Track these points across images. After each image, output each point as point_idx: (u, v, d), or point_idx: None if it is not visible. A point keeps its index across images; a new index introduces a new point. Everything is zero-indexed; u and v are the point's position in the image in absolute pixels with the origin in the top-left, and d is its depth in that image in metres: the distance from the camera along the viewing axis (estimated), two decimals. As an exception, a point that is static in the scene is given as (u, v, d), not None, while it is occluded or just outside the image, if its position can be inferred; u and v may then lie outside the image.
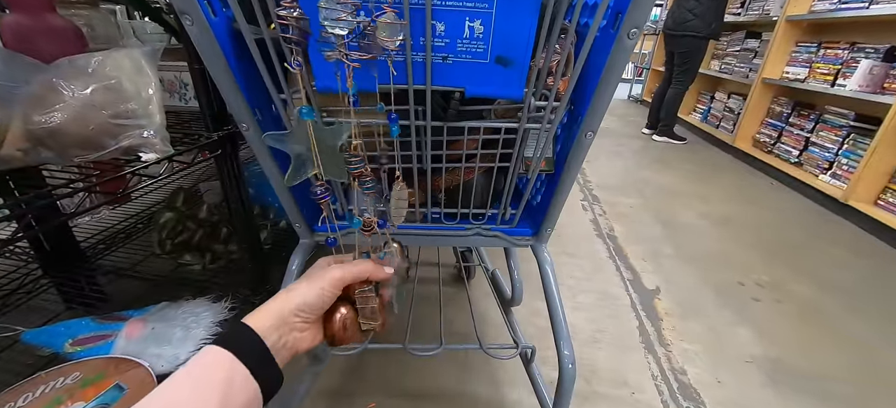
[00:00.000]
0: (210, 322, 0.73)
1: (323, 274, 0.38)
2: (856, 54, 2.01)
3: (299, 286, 0.37)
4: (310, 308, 0.37)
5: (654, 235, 1.60)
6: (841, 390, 0.92)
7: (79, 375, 0.62)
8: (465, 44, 0.36)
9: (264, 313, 0.35)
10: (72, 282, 0.90)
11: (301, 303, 0.36)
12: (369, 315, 0.41)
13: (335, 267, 0.39)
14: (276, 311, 0.35)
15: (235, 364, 0.31)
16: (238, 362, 0.31)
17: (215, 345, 0.32)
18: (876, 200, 1.75)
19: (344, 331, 0.40)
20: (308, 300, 0.36)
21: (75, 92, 0.51)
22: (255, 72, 0.39)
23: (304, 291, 0.37)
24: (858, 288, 1.31)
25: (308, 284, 0.37)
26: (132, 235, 1.10)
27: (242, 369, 0.31)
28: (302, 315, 0.36)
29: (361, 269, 0.40)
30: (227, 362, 0.31)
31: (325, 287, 0.37)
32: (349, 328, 0.40)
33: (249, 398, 0.31)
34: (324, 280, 0.37)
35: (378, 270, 0.42)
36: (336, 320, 0.40)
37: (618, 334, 1.06)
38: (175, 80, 0.85)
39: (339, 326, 0.40)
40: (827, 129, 2.12)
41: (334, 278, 0.38)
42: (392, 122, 0.36)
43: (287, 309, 0.35)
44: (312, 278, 0.38)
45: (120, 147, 0.55)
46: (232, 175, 0.74)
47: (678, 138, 3.04)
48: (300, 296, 0.36)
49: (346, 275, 0.39)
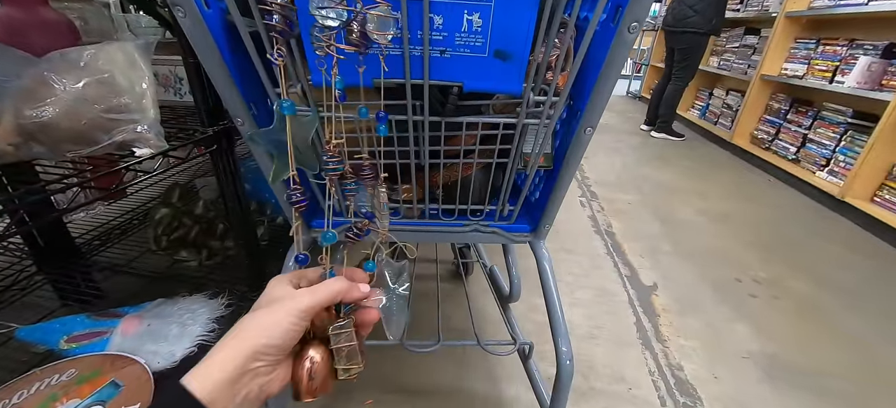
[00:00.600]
0: (206, 319, 0.72)
1: (284, 303, 0.30)
2: (854, 51, 2.01)
3: (257, 322, 0.30)
4: (275, 349, 0.29)
5: (653, 231, 1.60)
6: (837, 386, 0.92)
7: (74, 372, 0.61)
8: (464, 37, 0.36)
9: (215, 365, 0.27)
10: (67, 278, 0.90)
11: (263, 345, 0.29)
12: (347, 357, 0.33)
13: (301, 293, 0.31)
14: (231, 361, 0.27)
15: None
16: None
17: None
18: (872, 197, 1.75)
19: (311, 381, 0.32)
20: (272, 341, 0.29)
21: (67, 86, 0.50)
22: (250, 65, 0.39)
23: (266, 330, 0.29)
24: (855, 285, 1.31)
25: (269, 319, 0.30)
26: (128, 232, 1.09)
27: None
28: (265, 359, 0.29)
29: (333, 290, 0.33)
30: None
31: (292, 321, 0.30)
32: (318, 377, 0.32)
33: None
34: (288, 312, 0.30)
35: (352, 290, 0.34)
36: (303, 367, 0.32)
37: (615, 330, 1.06)
38: (170, 75, 0.84)
39: (305, 376, 0.32)
40: (824, 125, 2.12)
41: (301, 309, 0.30)
42: (380, 121, 0.35)
43: (244, 356, 0.28)
44: (273, 308, 0.30)
45: (113, 142, 0.54)
46: (228, 171, 0.74)
47: (676, 135, 3.05)
48: (261, 336, 0.29)
49: (314, 302, 0.31)
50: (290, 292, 0.32)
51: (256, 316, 0.30)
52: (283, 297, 0.31)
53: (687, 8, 2.61)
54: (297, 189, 0.34)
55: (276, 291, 0.33)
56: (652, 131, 3.13)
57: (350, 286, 0.34)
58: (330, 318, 0.34)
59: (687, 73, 2.84)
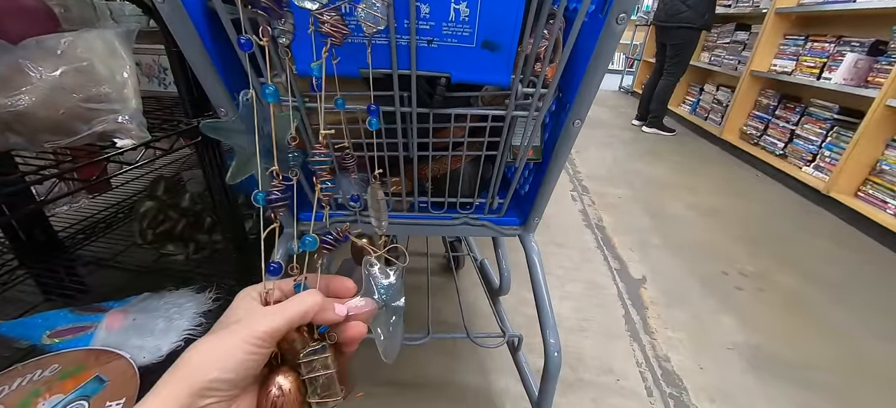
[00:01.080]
0: (194, 313, 0.72)
1: (239, 328, 0.25)
2: (841, 48, 2.04)
3: (206, 351, 0.24)
4: (227, 384, 0.24)
5: (642, 225, 1.62)
6: (821, 377, 0.95)
7: (57, 367, 0.60)
8: (451, 27, 0.35)
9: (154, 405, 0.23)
10: (50, 273, 0.88)
11: (212, 380, 0.23)
12: (323, 387, 0.28)
13: (260, 316, 0.26)
14: (172, 401, 0.23)
15: None
16: None
17: None
18: (856, 191, 1.79)
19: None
20: (224, 374, 0.24)
21: (43, 74, 0.49)
22: (233, 54, 0.38)
23: (217, 361, 0.24)
24: (840, 279, 1.34)
25: (221, 347, 0.25)
26: (113, 225, 1.07)
27: None
28: (216, 395, 0.24)
29: (300, 311, 0.27)
30: None
31: (247, 350, 0.25)
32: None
33: None
34: (242, 338, 0.25)
35: (325, 310, 0.29)
36: (268, 399, 0.26)
37: (604, 322, 1.07)
38: (154, 64, 0.82)
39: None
40: (811, 121, 2.15)
41: (257, 336, 0.25)
42: (372, 114, 0.35)
43: (189, 393, 0.23)
44: (225, 334, 0.25)
45: (94, 132, 0.53)
46: (213, 163, 0.72)
47: (667, 130, 3.07)
48: (210, 369, 0.24)
49: (274, 326, 0.26)
50: (250, 312, 0.27)
51: (206, 343, 0.25)
52: (240, 319, 0.26)
53: (680, 3, 2.62)
54: (277, 187, 0.29)
55: (239, 309, 0.28)
56: (643, 126, 3.15)
57: (323, 304, 0.28)
58: (302, 339, 0.28)
59: (679, 69, 2.86)
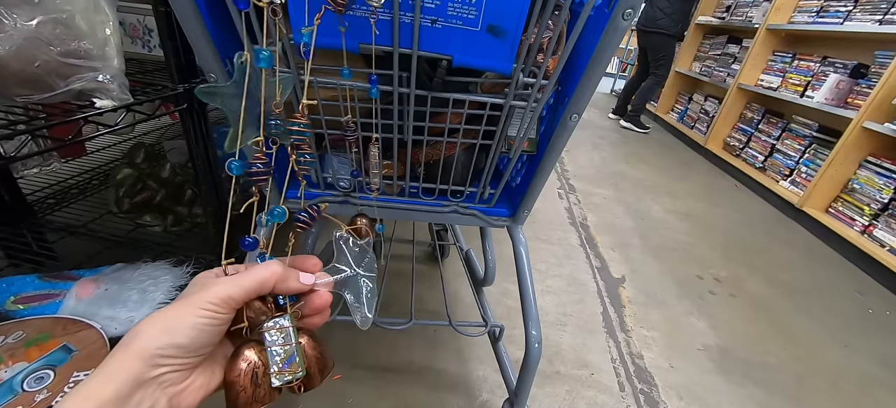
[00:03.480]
0: (170, 286, 0.70)
1: (195, 295, 0.25)
2: (826, 68, 2.11)
3: (158, 320, 0.24)
4: (182, 350, 0.24)
5: (625, 226, 1.65)
6: (783, 379, 0.99)
7: (21, 333, 0.58)
8: (457, 8, 0.34)
9: (99, 380, 0.21)
10: (16, 237, 0.84)
11: (165, 346, 0.23)
12: (286, 362, 0.27)
13: (216, 281, 0.26)
14: (122, 373, 0.22)
15: None
16: None
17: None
18: (828, 207, 1.86)
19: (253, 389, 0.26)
20: (176, 340, 0.23)
21: (18, 22, 0.46)
22: (227, 16, 0.36)
23: (169, 329, 0.23)
24: (806, 288, 1.40)
25: (173, 313, 0.24)
26: (86, 192, 1.03)
27: None
28: (170, 363, 0.23)
29: (261, 277, 0.26)
30: None
31: (202, 314, 0.24)
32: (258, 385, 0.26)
33: None
34: (196, 303, 0.24)
35: (288, 278, 0.28)
36: (236, 370, 0.26)
37: (582, 318, 1.09)
38: (138, 25, 0.78)
39: (243, 379, 0.26)
40: (792, 137, 2.23)
41: (213, 299, 0.24)
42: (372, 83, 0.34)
43: (140, 362, 0.22)
44: (180, 302, 0.25)
45: (71, 90, 0.50)
46: (199, 133, 0.70)
47: (643, 128, 3.28)
48: (161, 336, 0.23)
49: (232, 291, 0.25)
50: (206, 283, 0.26)
51: (157, 313, 0.24)
52: (203, 286, 0.26)
53: (658, 10, 2.84)
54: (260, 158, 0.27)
55: (195, 285, 0.27)
56: (620, 120, 3.38)
57: (285, 273, 0.28)
58: (266, 309, 0.27)
59: (663, 70, 3.09)
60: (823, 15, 2.17)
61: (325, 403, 0.78)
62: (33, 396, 0.49)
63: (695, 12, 3.34)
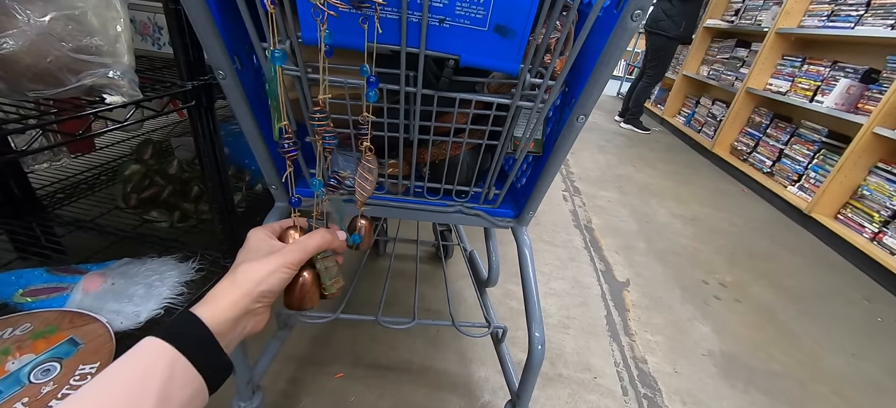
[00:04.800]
0: (175, 282, 0.70)
1: (277, 257, 0.35)
2: (836, 72, 2.09)
3: (257, 271, 0.34)
4: (273, 294, 0.35)
5: (630, 230, 1.64)
6: (787, 387, 0.98)
7: (29, 326, 0.58)
8: (465, 7, 0.34)
9: (226, 304, 0.32)
10: (25, 230, 0.85)
11: (265, 290, 0.34)
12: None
13: (291, 248, 0.37)
14: (240, 302, 0.32)
15: (177, 359, 0.28)
16: (180, 357, 0.28)
17: (156, 337, 0.28)
18: (836, 214, 1.84)
19: (304, 299, 0.39)
20: (273, 287, 0.35)
21: (31, 18, 0.46)
22: (237, 14, 0.36)
23: (266, 279, 0.34)
24: (812, 295, 1.39)
25: (267, 269, 0.35)
26: (95, 187, 1.04)
27: (185, 364, 0.28)
28: (264, 301, 0.35)
29: (318, 243, 0.38)
30: (168, 356, 0.28)
31: (287, 272, 0.36)
32: (309, 295, 0.39)
33: (192, 394, 0.29)
34: (282, 264, 0.35)
35: (334, 239, 0.40)
36: (297, 287, 0.39)
37: (586, 321, 1.09)
38: (149, 23, 0.78)
39: (299, 294, 0.39)
40: (800, 142, 2.20)
41: (293, 261, 0.36)
42: (370, 86, 0.34)
43: (250, 299, 0.33)
44: (269, 260, 0.35)
45: (82, 85, 0.50)
46: (206, 130, 0.70)
47: (643, 128, 3.33)
48: (262, 284, 0.34)
49: (304, 256, 0.37)
50: (278, 245, 0.38)
51: (254, 266, 0.35)
52: (272, 248, 0.37)
53: (660, 11, 2.84)
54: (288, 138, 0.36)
55: (261, 243, 0.38)
56: (621, 122, 3.45)
57: (332, 235, 0.40)
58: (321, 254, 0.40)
59: (656, 72, 3.11)
60: (834, 19, 2.14)
61: (327, 401, 0.78)
62: (40, 388, 0.50)
63: (703, 16, 3.32)
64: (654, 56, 3.04)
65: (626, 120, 3.41)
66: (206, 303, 0.32)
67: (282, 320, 0.75)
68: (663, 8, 2.83)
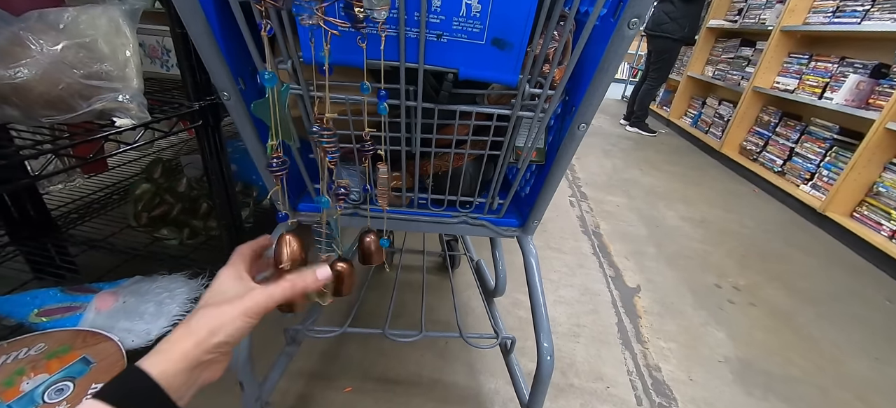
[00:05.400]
0: (185, 298, 0.71)
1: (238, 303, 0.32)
2: (845, 68, 2.05)
3: (213, 320, 0.31)
4: (229, 346, 0.32)
5: (638, 234, 1.62)
6: (808, 393, 0.95)
7: (43, 346, 0.59)
8: (462, 22, 0.35)
9: (176, 352, 0.29)
10: (41, 251, 0.87)
11: (221, 341, 0.31)
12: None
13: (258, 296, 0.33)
14: (191, 353, 0.29)
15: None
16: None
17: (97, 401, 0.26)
18: (852, 212, 1.80)
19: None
20: (230, 338, 0.31)
21: (44, 47, 0.48)
22: (240, 37, 0.37)
23: (222, 329, 0.31)
24: (830, 297, 1.35)
25: (225, 317, 0.31)
26: (107, 207, 1.06)
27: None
28: (222, 348, 0.31)
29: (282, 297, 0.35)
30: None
31: (247, 322, 0.32)
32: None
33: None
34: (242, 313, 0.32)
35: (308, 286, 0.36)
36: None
37: (597, 329, 1.07)
38: (157, 46, 0.81)
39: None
40: (811, 140, 2.17)
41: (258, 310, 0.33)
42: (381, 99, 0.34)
43: (202, 350, 0.30)
44: (227, 308, 0.32)
45: (93, 110, 0.52)
46: (213, 148, 0.72)
47: (649, 131, 3.32)
48: (217, 334, 0.30)
49: (270, 304, 0.34)
50: (246, 286, 0.34)
51: (212, 314, 0.31)
52: (238, 292, 0.33)
53: (663, 14, 2.83)
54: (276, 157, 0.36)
55: (226, 284, 0.34)
56: (627, 126, 3.44)
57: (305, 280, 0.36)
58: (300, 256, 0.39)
59: (659, 75, 3.10)
60: (840, 15, 2.12)
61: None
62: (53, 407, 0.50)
63: (706, 16, 3.31)
64: (657, 59, 3.03)
65: (631, 123, 3.40)
66: (158, 353, 0.29)
67: (290, 335, 0.75)
68: (665, 10, 2.82)
